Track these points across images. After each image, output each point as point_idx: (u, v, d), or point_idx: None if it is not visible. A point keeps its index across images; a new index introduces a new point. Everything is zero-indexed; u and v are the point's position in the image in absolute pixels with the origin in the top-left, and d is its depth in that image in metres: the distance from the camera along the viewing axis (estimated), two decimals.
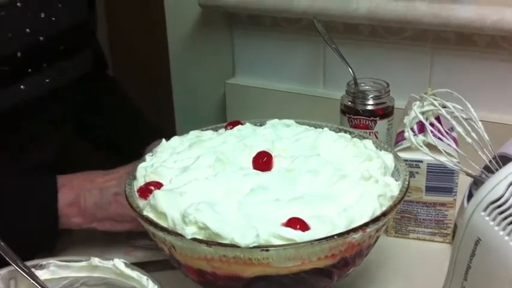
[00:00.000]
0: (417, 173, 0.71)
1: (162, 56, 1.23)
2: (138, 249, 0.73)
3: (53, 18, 0.74)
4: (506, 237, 0.43)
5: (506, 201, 0.43)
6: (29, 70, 0.72)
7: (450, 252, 0.50)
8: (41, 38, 0.72)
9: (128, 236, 0.75)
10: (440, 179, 0.70)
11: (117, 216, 0.69)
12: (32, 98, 0.73)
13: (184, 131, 0.70)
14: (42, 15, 0.73)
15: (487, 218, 0.44)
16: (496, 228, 0.43)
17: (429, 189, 0.71)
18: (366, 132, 0.83)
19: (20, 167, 0.76)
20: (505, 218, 0.43)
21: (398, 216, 0.73)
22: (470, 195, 0.71)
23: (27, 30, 0.71)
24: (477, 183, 0.65)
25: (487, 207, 0.44)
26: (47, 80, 0.75)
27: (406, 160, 0.67)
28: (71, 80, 0.80)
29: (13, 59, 0.70)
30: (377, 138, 0.83)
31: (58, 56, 0.76)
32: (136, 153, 0.87)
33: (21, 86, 0.71)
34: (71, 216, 0.68)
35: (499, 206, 0.44)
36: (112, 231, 0.71)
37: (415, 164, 0.70)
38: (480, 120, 0.57)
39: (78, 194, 0.68)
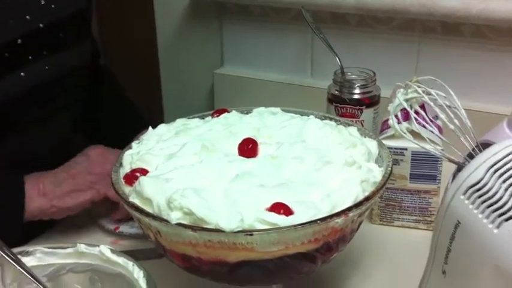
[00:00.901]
0: (402, 160, 0.71)
1: (150, 46, 1.23)
2: (125, 239, 0.74)
3: (53, 6, 0.75)
4: (485, 220, 0.43)
5: (485, 184, 0.44)
6: (30, 57, 0.73)
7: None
8: (41, 25, 0.73)
9: (115, 224, 0.76)
10: (425, 166, 0.71)
11: (75, 186, 0.71)
12: (32, 86, 0.74)
13: (173, 120, 0.70)
14: (43, 2, 0.74)
15: (466, 202, 0.45)
16: (475, 211, 0.44)
17: (413, 177, 0.72)
18: (352, 121, 0.83)
19: (16, 157, 0.76)
20: (484, 202, 0.44)
21: (383, 204, 0.74)
22: None
23: (28, 17, 0.72)
24: (461, 170, 0.66)
25: (467, 190, 0.45)
26: (47, 67, 0.75)
27: (390, 148, 0.68)
28: (70, 70, 0.80)
29: (13, 46, 0.71)
30: (363, 126, 0.83)
31: (58, 44, 0.77)
32: (123, 142, 0.87)
33: (22, 73, 0.72)
34: (33, 197, 0.69)
35: (478, 190, 0.44)
36: (73, 206, 0.71)
37: (400, 152, 0.71)
38: (464, 109, 0.57)
39: (37, 179, 0.71)
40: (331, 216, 0.49)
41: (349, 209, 0.50)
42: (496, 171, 0.44)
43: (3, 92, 0.71)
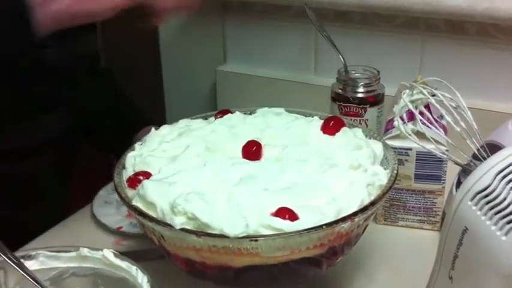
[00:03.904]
0: (406, 160, 0.71)
1: (153, 42, 1.22)
2: (128, 238, 0.73)
3: None
4: (493, 227, 0.43)
5: (493, 190, 0.44)
6: (49, 42, 0.73)
7: (438, 240, 0.50)
8: None
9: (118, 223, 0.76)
10: (429, 166, 0.71)
11: None
12: (48, 69, 0.76)
13: (175, 118, 0.69)
14: None
15: (474, 208, 0.44)
16: (483, 217, 0.43)
17: (418, 177, 0.71)
18: (356, 120, 0.83)
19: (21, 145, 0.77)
20: (492, 208, 0.43)
21: (388, 204, 0.74)
22: (459, 183, 0.72)
23: None
24: (466, 171, 0.65)
25: (474, 196, 0.44)
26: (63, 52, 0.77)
27: (395, 148, 0.68)
28: (78, 59, 0.82)
29: None
30: (367, 125, 0.83)
31: (71, 34, 0.77)
32: (125, 140, 0.87)
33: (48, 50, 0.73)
34: None
35: (486, 196, 0.44)
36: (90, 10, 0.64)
37: (404, 152, 0.71)
38: (469, 108, 0.57)
39: None
40: (336, 222, 0.48)
41: (355, 213, 0.49)
42: (504, 177, 0.43)
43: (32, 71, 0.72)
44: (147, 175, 0.56)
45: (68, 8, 0.63)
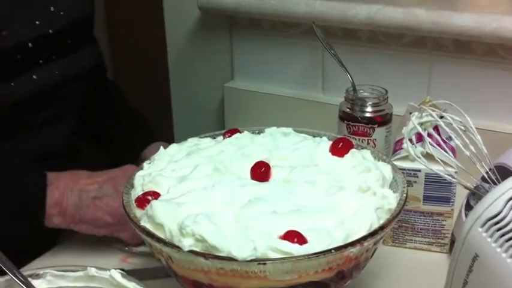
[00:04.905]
0: (415, 182, 0.71)
1: (160, 59, 1.23)
2: (135, 256, 0.73)
3: (62, 13, 0.78)
4: (504, 254, 0.43)
5: (504, 217, 0.43)
6: (40, 61, 0.76)
7: (447, 262, 0.50)
8: (50, 31, 0.76)
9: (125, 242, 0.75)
10: (438, 188, 0.70)
11: (93, 220, 0.70)
12: (43, 88, 0.76)
13: (183, 134, 0.69)
14: (52, 9, 0.76)
15: (484, 235, 0.44)
16: (494, 245, 0.43)
17: (427, 199, 0.71)
18: (364, 140, 0.83)
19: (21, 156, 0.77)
20: (503, 235, 0.43)
21: (396, 226, 0.73)
22: (468, 205, 0.72)
23: (37, 22, 0.75)
24: (475, 194, 0.65)
25: (485, 223, 0.44)
26: (56, 72, 0.78)
27: (404, 169, 0.67)
28: (77, 75, 0.83)
29: (24, 49, 0.73)
30: (375, 145, 0.83)
31: (65, 49, 0.80)
32: (133, 154, 0.87)
33: (34, 76, 0.75)
34: (52, 216, 0.69)
35: (497, 223, 0.44)
36: (85, 233, 0.72)
37: (413, 173, 0.70)
38: (477, 128, 0.57)
39: (62, 193, 0.69)
40: (345, 246, 0.48)
41: (364, 238, 0.49)
42: None
43: (17, 92, 0.73)
44: (155, 195, 0.56)
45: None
